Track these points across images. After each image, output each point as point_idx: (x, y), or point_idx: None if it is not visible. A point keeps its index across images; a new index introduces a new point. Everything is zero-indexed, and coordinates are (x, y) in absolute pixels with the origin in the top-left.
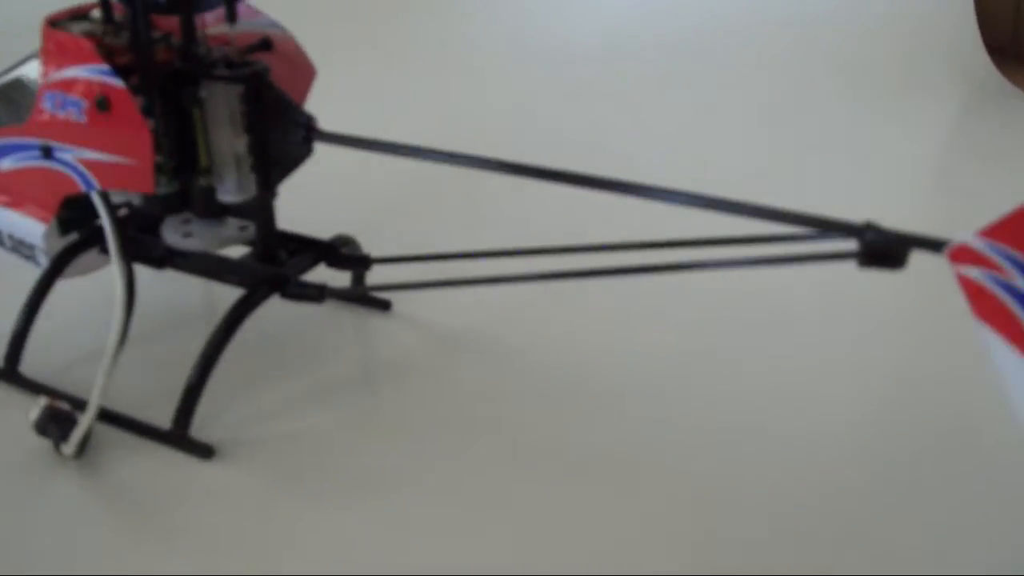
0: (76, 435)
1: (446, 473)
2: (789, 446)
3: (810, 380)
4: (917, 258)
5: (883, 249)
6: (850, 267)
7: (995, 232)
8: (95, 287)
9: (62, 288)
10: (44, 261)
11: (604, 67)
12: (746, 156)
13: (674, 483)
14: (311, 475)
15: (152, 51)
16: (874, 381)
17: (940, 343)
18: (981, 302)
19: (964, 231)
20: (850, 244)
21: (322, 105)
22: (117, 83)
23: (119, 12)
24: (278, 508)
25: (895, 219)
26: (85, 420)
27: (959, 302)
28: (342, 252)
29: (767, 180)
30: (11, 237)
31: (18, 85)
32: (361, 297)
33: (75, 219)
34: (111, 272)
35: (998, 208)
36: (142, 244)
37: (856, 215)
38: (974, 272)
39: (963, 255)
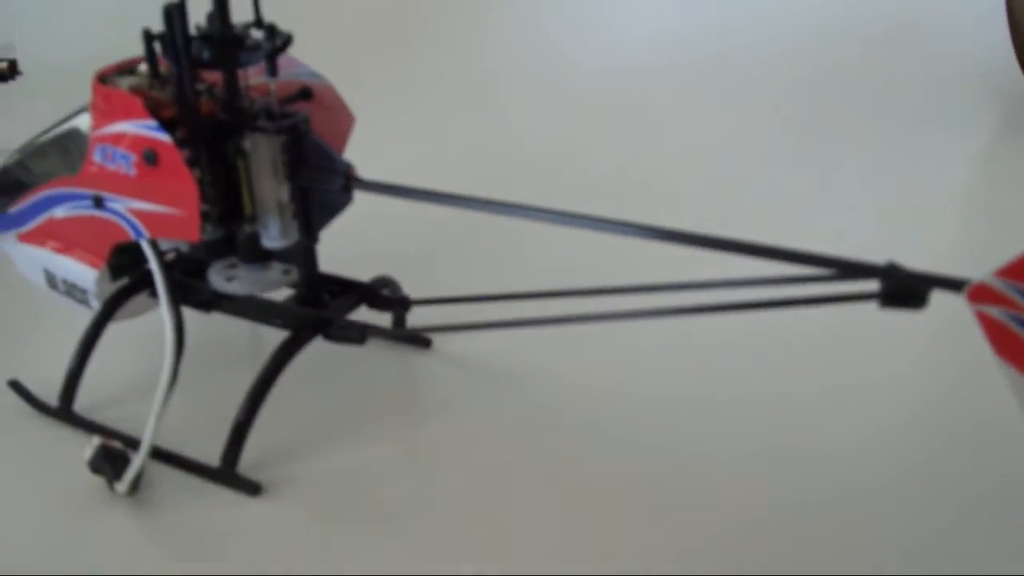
0: (129, 474)
1: (486, 505)
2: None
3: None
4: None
5: (904, 290)
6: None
7: (1013, 271)
8: (145, 329)
9: (114, 330)
10: (96, 304)
11: (625, 91)
12: (775, 182)
13: (704, 513)
14: (356, 510)
15: (197, 105)
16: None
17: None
18: (1001, 341)
19: (983, 271)
20: (871, 285)
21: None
22: (164, 138)
23: (164, 66)
24: (323, 542)
25: (927, 249)
26: (138, 459)
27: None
28: (382, 293)
29: (797, 207)
30: (65, 281)
31: (74, 135)
32: (403, 336)
33: (125, 265)
34: (160, 315)
35: None
36: (189, 288)
37: (886, 244)
38: (994, 311)
39: (982, 294)
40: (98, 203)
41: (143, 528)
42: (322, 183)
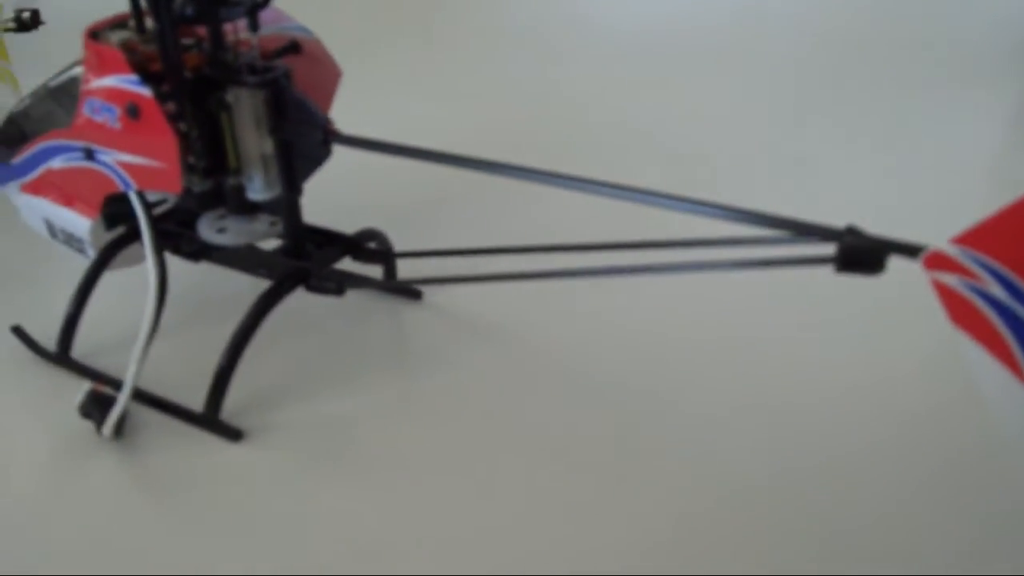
0: (111, 418)
1: (463, 457)
2: (796, 434)
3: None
4: None
5: (859, 254)
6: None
7: (970, 239)
8: (146, 278)
9: (116, 279)
10: (92, 253)
11: (638, 55)
12: (794, 145)
13: (678, 473)
14: (332, 458)
15: (180, 60)
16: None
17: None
18: (957, 309)
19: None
20: (828, 248)
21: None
22: (145, 92)
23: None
24: (298, 488)
25: (948, 217)
26: (119, 404)
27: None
28: (366, 246)
29: (815, 170)
30: (63, 231)
31: (72, 85)
32: (393, 287)
33: (121, 214)
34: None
35: None
36: (180, 238)
37: (906, 211)
38: (950, 279)
39: (938, 262)
40: (89, 155)
41: (126, 470)
42: (302, 137)
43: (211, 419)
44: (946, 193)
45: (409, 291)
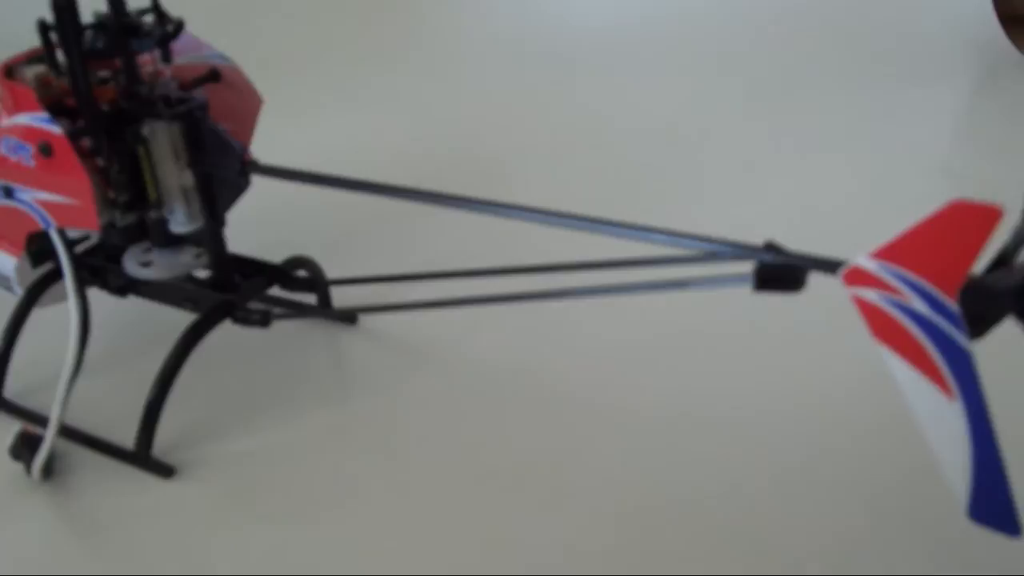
0: (38, 460)
1: (399, 483)
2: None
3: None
4: None
5: (777, 272)
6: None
7: (889, 253)
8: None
9: (49, 315)
10: (19, 291)
11: (599, 54)
12: (743, 144)
13: (614, 492)
14: (267, 492)
15: (91, 95)
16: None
17: None
18: (879, 324)
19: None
20: (748, 266)
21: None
22: (55, 130)
23: None
24: (231, 522)
25: (899, 210)
26: (44, 446)
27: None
28: (294, 274)
29: (764, 170)
30: None
31: None
32: (326, 315)
33: (47, 251)
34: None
35: (1010, 195)
36: (108, 273)
37: (857, 208)
38: (870, 294)
39: (857, 277)
40: (8, 193)
41: (56, 513)
42: (220, 168)
43: (142, 456)
44: (896, 192)
45: (345, 316)
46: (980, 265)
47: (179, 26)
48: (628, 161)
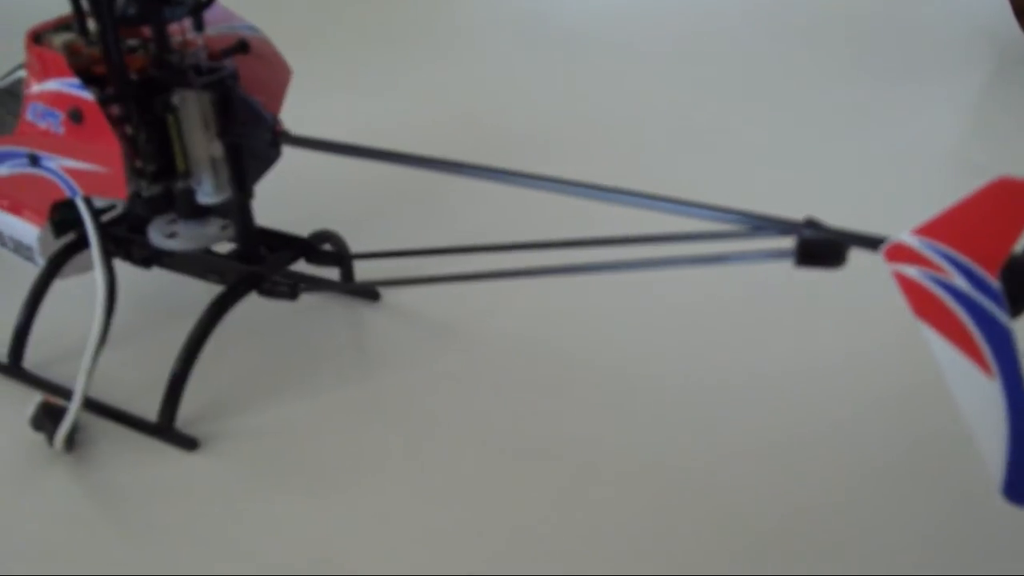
0: (61, 431)
1: (421, 459)
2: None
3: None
4: None
5: (819, 247)
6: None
7: (931, 230)
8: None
9: (70, 286)
10: (41, 261)
11: (602, 46)
12: (758, 135)
13: (638, 472)
14: (287, 464)
15: (123, 62)
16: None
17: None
18: (919, 300)
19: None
20: (788, 242)
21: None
22: (87, 96)
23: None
24: (254, 495)
25: (916, 200)
26: (69, 416)
27: None
28: (320, 248)
29: (781, 159)
30: (12, 239)
31: (18, 87)
32: (349, 289)
33: (70, 221)
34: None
35: None
36: (131, 244)
37: (873, 199)
38: (911, 271)
39: (899, 253)
40: (34, 161)
41: (79, 484)
42: (250, 138)
43: (166, 428)
44: (910, 182)
45: (367, 292)
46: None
47: None
48: (642, 142)
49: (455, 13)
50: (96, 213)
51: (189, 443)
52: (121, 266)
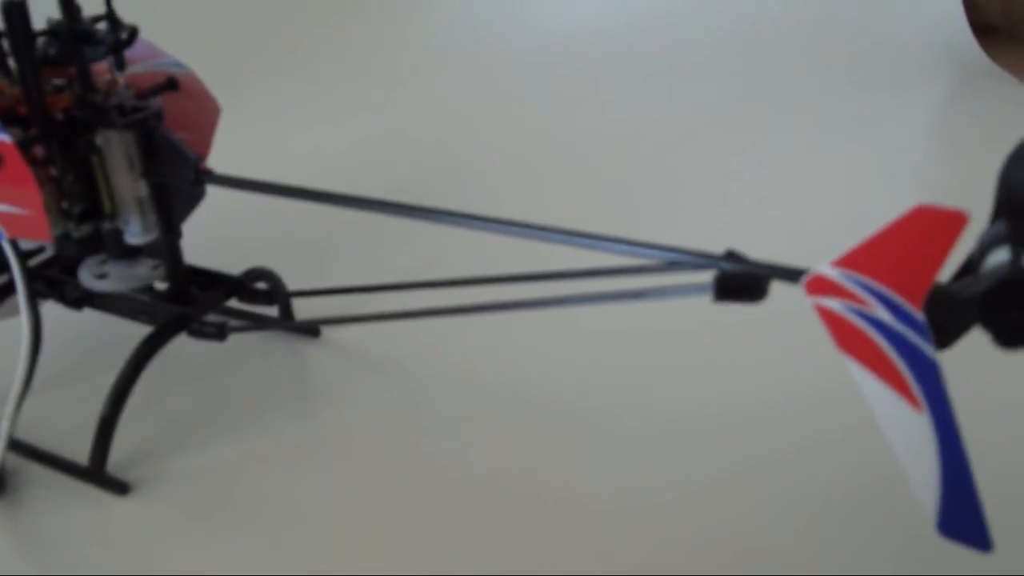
0: None
1: (359, 499)
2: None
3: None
4: None
5: (738, 281)
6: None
7: (851, 261)
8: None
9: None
10: None
11: (574, 60)
12: (716, 153)
13: (575, 505)
14: (222, 507)
15: (44, 103)
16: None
17: None
18: (842, 333)
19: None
20: (707, 275)
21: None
22: (5, 138)
23: None
24: (187, 540)
25: (872, 219)
26: None
27: None
28: (253, 286)
29: (739, 178)
30: None
31: None
32: (287, 327)
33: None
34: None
35: (982, 202)
36: (64, 285)
37: (828, 215)
38: (832, 303)
39: (820, 286)
40: None
41: (5, 528)
42: (173, 178)
43: (96, 472)
44: (868, 200)
45: (307, 329)
46: (946, 273)
47: (133, 33)
48: (598, 168)
49: (411, 40)
50: (23, 256)
51: (120, 487)
52: (56, 306)
